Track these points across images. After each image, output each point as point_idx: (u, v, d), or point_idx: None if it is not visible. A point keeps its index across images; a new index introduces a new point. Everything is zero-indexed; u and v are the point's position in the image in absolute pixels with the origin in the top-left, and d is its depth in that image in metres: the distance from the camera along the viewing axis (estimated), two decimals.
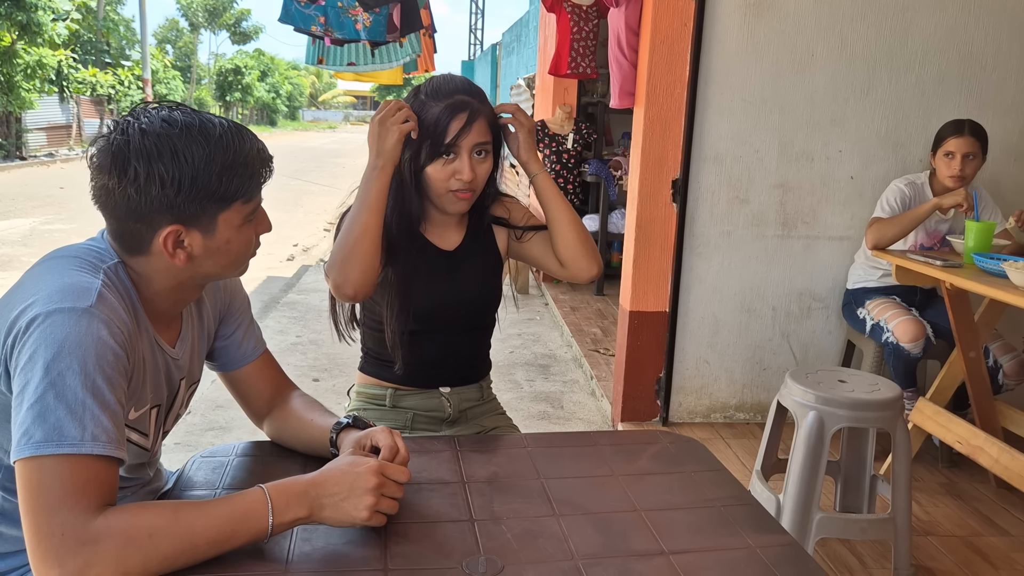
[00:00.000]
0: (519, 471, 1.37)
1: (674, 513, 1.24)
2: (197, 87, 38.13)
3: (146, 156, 1.11)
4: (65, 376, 1.01)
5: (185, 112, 1.17)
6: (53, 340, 1.02)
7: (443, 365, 1.84)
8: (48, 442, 0.98)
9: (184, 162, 1.12)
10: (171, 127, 1.13)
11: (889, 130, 3.39)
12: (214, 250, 1.20)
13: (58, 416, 0.99)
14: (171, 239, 1.16)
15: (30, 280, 1.12)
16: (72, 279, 1.09)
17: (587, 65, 5.10)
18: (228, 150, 1.16)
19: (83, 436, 1.00)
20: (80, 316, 1.05)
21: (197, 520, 1.02)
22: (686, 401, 3.59)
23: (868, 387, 2.31)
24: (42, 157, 18.90)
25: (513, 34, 14.39)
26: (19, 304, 1.07)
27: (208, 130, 1.15)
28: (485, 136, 1.67)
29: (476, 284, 1.82)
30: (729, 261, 3.47)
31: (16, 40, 16.30)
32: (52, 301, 1.05)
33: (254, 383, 1.46)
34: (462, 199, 1.69)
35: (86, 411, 1.01)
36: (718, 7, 3.22)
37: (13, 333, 1.05)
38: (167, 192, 1.12)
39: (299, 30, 3.82)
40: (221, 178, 1.15)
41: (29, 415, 1.00)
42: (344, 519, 1.11)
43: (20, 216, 10.17)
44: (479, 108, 1.66)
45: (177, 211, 1.14)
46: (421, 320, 1.77)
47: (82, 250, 1.18)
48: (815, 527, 2.28)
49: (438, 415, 1.86)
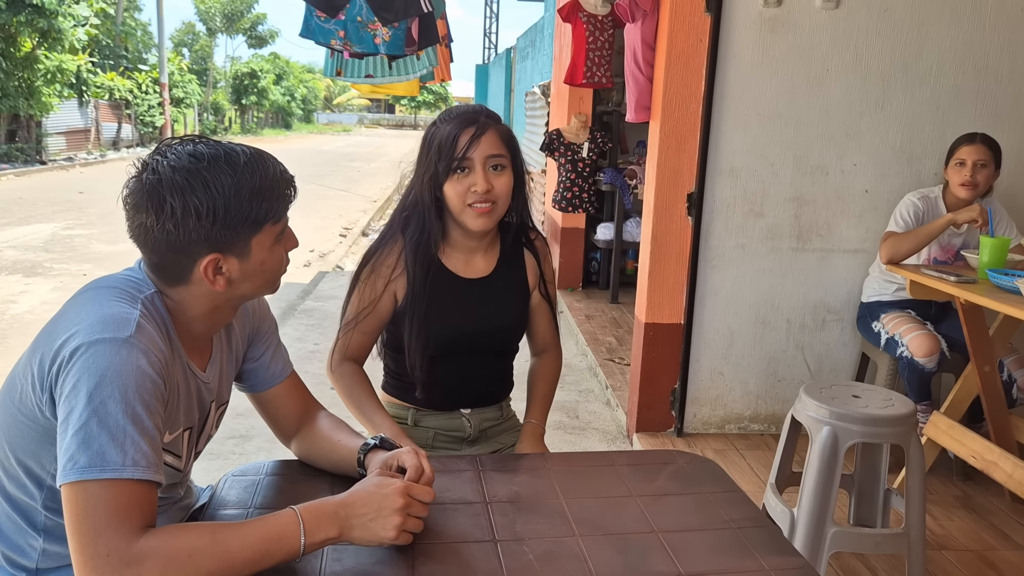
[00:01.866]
0: (540, 491, 1.41)
1: (691, 535, 1.28)
2: (213, 91, 38.40)
3: (180, 191, 1.16)
4: (107, 404, 1.06)
5: (208, 144, 1.22)
6: (95, 369, 1.07)
7: (464, 389, 1.89)
8: (92, 467, 1.03)
9: (216, 193, 1.17)
10: (198, 161, 1.18)
11: (904, 144, 3.41)
12: (250, 272, 1.25)
13: (101, 442, 1.04)
14: (211, 267, 1.21)
15: (72, 310, 1.17)
16: (112, 310, 1.15)
17: (602, 75, 5.12)
18: (255, 176, 1.21)
19: (124, 461, 1.05)
20: (120, 346, 1.10)
21: (233, 540, 1.07)
22: (701, 412, 3.62)
23: (882, 402, 2.34)
24: (61, 161, 19.11)
25: (528, 39, 14.43)
26: (63, 333, 1.12)
27: (233, 159, 1.21)
28: (497, 149, 1.71)
29: (500, 314, 1.86)
30: (744, 273, 3.49)
31: (37, 46, 16.50)
32: (94, 331, 1.10)
33: (282, 404, 1.50)
34: (481, 214, 1.71)
35: (127, 437, 1.06)
36: (733, 22, 3.26)
37: (58, 362, 1.10)
38: (203, 223, 1.17)
39: (319, 44, 3.88)
40: (251, 203, 1.20)
41: (74, 441, 1.04)
42: (372, 539, 1.15)
43: (41, 221, 10.30)
44: (488, 122, 1.72)
45: (214, 240, 1.20)
46: (442, 347, 1.81)
47: (120, 280, 1.23)
48: (829, 541, 2.30)
49: (458, 434, 1.91)
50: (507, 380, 2.00)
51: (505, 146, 1.73)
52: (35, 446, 1.18)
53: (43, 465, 1.19)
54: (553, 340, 2.04)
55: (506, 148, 1.73)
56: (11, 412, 1.19)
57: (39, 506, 1.22)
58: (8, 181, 15.32)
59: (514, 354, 1.97)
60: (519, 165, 1.80)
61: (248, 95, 39.71)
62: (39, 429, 1.16)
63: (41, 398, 1.13)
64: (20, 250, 8.26)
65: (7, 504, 1.24)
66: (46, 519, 1.22)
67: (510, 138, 1.77)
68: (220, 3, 40.61)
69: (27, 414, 1.16)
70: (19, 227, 9.76)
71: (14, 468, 1.21)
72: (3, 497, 1.24)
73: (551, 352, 2.04)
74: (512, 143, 1.77)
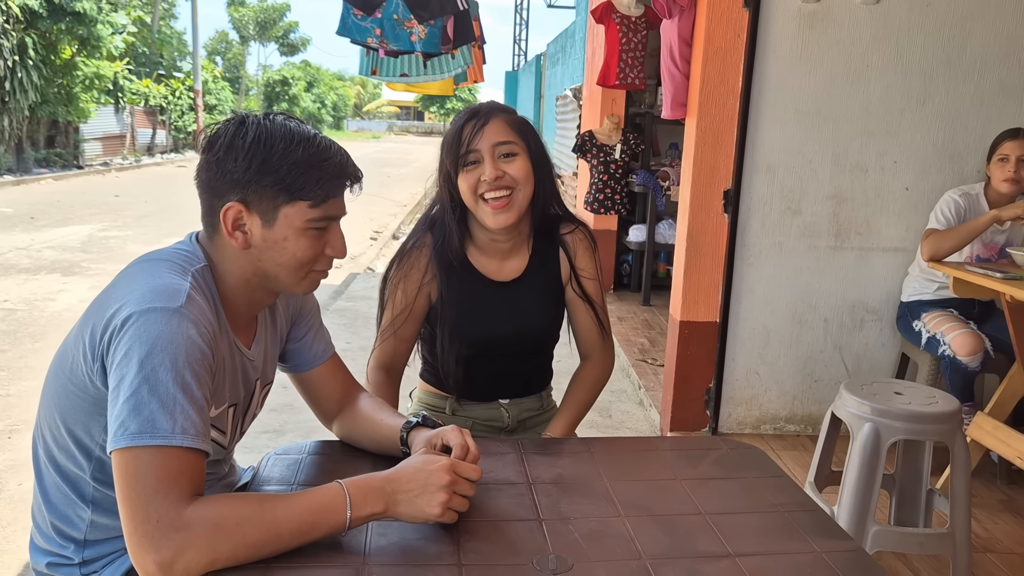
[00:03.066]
0: (583, 473, 1.40)
1: (738, 517, 1.25)
2: (245, 98, 38.91)
3: (232, 135, 1.19)
4: (158, 372, 1.07)
5: (300, 121, 1.24)
6: (147, 337, 1.08)
7: (500, 384, 1.87)
8: (142, 434, 1.04)
9: (263, 146, 1.18)
10: (270, 121, 1.21)
11: (946, 141, 3.36)
12: (271, 243, 1.23)
13: (151, 409, 1.05)
14: (231, 215, 1.21)
15: (124, 281, 1.19)
16: (164, 280, 1.15)
17: (635, 76, 5.11)
18: (310, 147, 1.21)
19: (174, 429, 1.05)
20: (171, 315, 1.11)
21: (281, 511, 1.07)
22: (736, 412, 3.58)
23: (925, 399, 2.29)
24: (97, 166, 19.42)
25: (558, 45, 14.45)
26: (115, 303, 1.13)
27: (304, 131, 1.22)
28: (505, 136, 1.66)
29: (532, 317, 1.80)
30: (780, 272, 3.45)
31: (76, 53, 16.81)
32: (145, 301, 1.11)
33: (324, 385, 1.51)
34: (496, 208, 1.65)
35: (176, 405, 1.06)
36: (772, 17, 3.23)
37: (109, 331, 1.11)
38: (238, 166, 1.18)
39: (355, 42, 3.91)
40: (291, 170, 1.19)
41: (125, 408, 1.05)
42: (417, 515, 1.15)
43: (79, 223, 10.47)
44: (492, 111, 1.68)
45: (242, 188, 1.20)
46: (474, 350, 1.78)
47: (172, 253, 1.24)
48: (871, 540, 2.26)
49: (497, 424, 1.89)
50: (546, 371, 1.97)
51: (515, 132, 1.68)
52: (85, 416, 1.19)
53: (92, 436, 1.20)
54: (597, 343, 1.90)
55: (516, 134, 1.68)
56: (62, 382, 1.20)
57: (88, 477, 1.23)
58: (47, 185, 15.61)
59: (552, 348, 1.92)
60: (538, 152, 1.72)
61: (279, 102, 40.15)
62: (89, 399, 1.17)
63: (92, 367, 1.14)
64: (58, 250, 8.40)
65: (57, 474, 1.25)
66: (94, 490, 1.23)
67: (522, 125, 1.71)
68: (253, 11, 41.19)
69: (78, 384, 1.17)
70: (58, 228, 9.93)
71: (64, 439, 1.22)
72: (53, 467, 1.25)
73: (594, 356, 1.92)
74: (525, 130, 1.71)
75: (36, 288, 6.61)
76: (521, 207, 1.69)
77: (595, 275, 1.87)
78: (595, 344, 1.90)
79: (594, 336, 1.89)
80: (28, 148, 16.92)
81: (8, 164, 16.11)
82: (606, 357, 1.92)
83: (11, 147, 16.24)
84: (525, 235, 1.81)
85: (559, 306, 1.86)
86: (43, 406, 1.25)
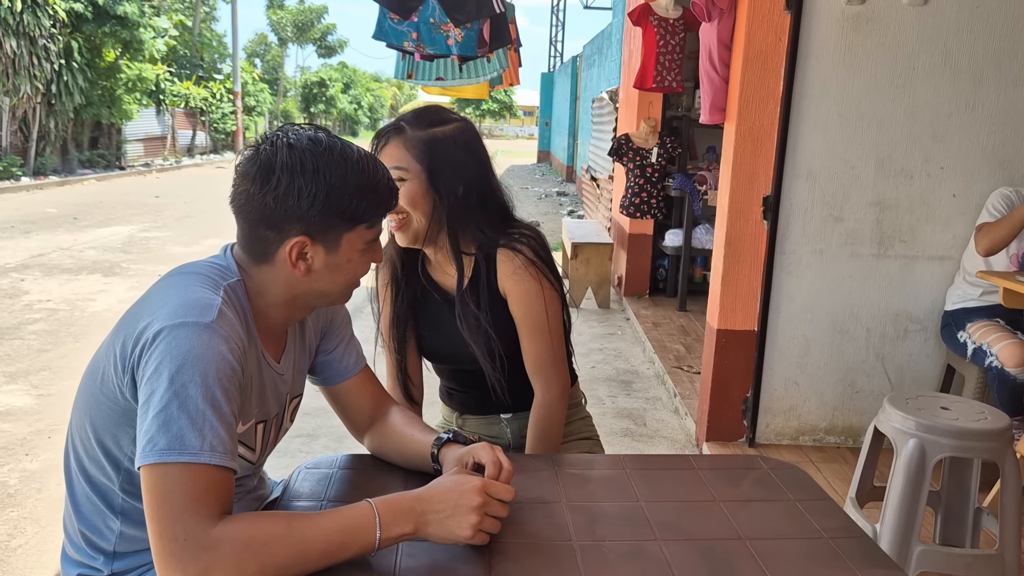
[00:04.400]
0: (618, 493, 1.36)
1: (781, 543, 1.21)
2: (283, 99, 39.36)
3: (290, 169, 1.18)
4: (188, 388, 1.05)
5: (328, 134, 1.24)
6: (178, 352, 1.07)
7: (487, 399, 1.79)
8: (171, 450, 1.03)
9: (323, 179, 1.18)
10: (316, 145, 1.20)
11: (996, 146, 3.25)
12: (333, 267, 1.25)
13: (181, 426, 1.04)
14: (296, 249, 1.21)
15: (156, 294, 1.18)
16: (196, 295, 1.14)
17: (672, 79, 5.05)
18: (363, 174, 1.22)
19: (202, 446, 1.04)
20: (203, 331, 1.09)
21: (309, 531, 1.05)
22: (774, 422, 3.50)
23: (974, 415, 2.21)
24: (139, 167, 19.78)
25: (594, 47, 14.38)
26: (146, 317, 1.12)
27: (347, 153, 1.22)
28: (395, 160, 1.59)
29: (476, 330, 1.69)
30: (821, 280, 3.37)
31: (119, 56, 17.15)
32: (177, 315, 1.10)
33: (355, 397, 1.49)
34: (394, 230, 1.68)
35: (206, 422, 1.05)
36: (814, 20, 3.15)
37: (140, 344, 1.10)
38: (302, 203, 1.18)
39: (391, 46, 3.90)
40: (353, 199, 1.20)
41: (155, 423, 1.04)
42: (448, 536, 1.12)
43: (120, 224, 10.66)
44: (392, 132, 1.62)
45: (307, 223, 1.20)
46: (438, 358, 1.83)
47: (205, 267, 1.23)
48: (915, 560, 2.19)
49: (499, 441, 1.87)
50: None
51: (410, 155, 1.60)
52: (114, 427, 1.18)
53: (121, 447, 1.19)
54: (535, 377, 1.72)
55: (411, 157, 1.60)
56: (93, 393, 1.19)
57: (117, 488, 1.22)
58: (90, 185, 15.94)
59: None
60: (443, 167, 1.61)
61: (317, 103, 40.59)
62: (119, 411, 1.16)
63: (122, 379, 1.13)
64: (100, 251, 8.55)
65: (87, 485, 1.24)
66: (123, 502, 1.23)
67: (424, 142, 1.60)
68: (291, 14, 41.66)
69: (108, 395, 1.16)
70: (99, 229, 10.12)
71: (94, 449, 1.22)
72: (83, 477, 1.25)
73: (536, 394, 1.73)
74: (426, 146, 1.60)
75: (78, 288, 6.73)
76: (417, 229, 1.64)
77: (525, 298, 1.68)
78: (534, 376, 1.73)
79: (530, 367, 1.72)
80: (73, 149, 17.30)
81: (54, 165, 16.48)
82: (545, 393, 1.72)
83: (56, 148, 16.62)
84: (466, 245, 1.70)
85: (506, 320, 1.71)
86: (75, 416, 1.25)
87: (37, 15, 14.45)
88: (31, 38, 14.47)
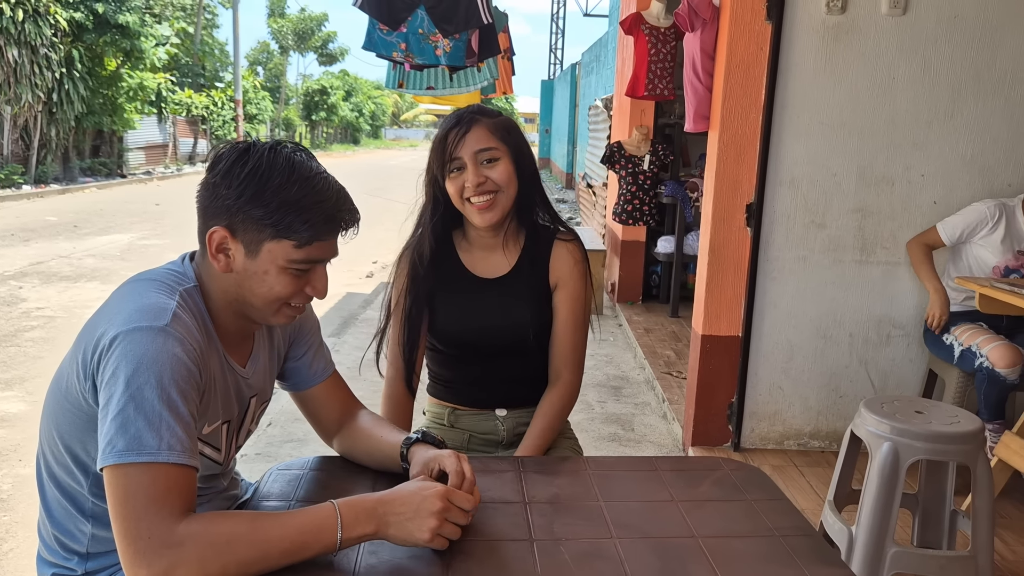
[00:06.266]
0: (580, 493, 1.40)
1: (733, 541, 1.25)
2: (285, 107, 39.49)
3: (233, 162, 1.21)
4: (143, 390, 1.09)
5: (307, 156, 1.25)
6: (133, 356, 1.11)
7: (492, 387, 1.87)
8: (129, 451, 1.07)
9: (260, 178, 1.20)
10: (274, 154, 1.22)
11: (975, 154, 3.29)
12: (251, 274, 1.25)
13: (138, 427, 1.08)
14: (216, 239, 1.23)
15: (114, 301, 1.22)
16: (150, 300, 1.18)
17: (664, 87, 5.10)
18: (305, 189, 1.21)
19: (160, 446, 1.08)
20: (157, 334, 1.13)
21: (272, 530, 1.09)
22: (759, 427, 3.54)
23: (947, 419, 2.25)
24: (140, 175, 19.86)
25: (593, 54, 14.45)
26: (104, 324, 1.16)
27: (304, 170, 1.23)
28: (486, 142, 1.71)
29: (511, 313, 1.80)
30: (804, 286, 3.41)
31: (121, 65, 17.25)
32: (132, 320, 1.14)
33: (323, 402, 1.52)
34: (480, 209, 1.72)
35: (162, 422, 1.09)
36: (795, 30, 3.20)
37: (99, 350, 1.14)
38: (230, 194, 1.21)
39: (381, 56, 3.95)
40: (281, 207, 1.20)
41: (112, 426, 1.08)
42: (407, 539, 1.15)
43: (119, 232, 10.72)
44: (474, 117, 1.73)
45: (230, 216, 1.22)
46: (450, 345, 1.83)
47: (162, 273, 1.27)
48: (889, 561, 2.22)
49: (492, 437, 1.89)
50: (542, 381, 1.89)
51: (497, 138, 1.72)
52: (81, 433, 1.22)
53: (88, 452, 1.23)
54: (566, 363, 1.84)
55: (498, 140, 1.73)
56: (59, 400, 1.23)
57: (86, 492, 1.26)
58: (91, 193, 16.01)
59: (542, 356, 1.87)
60: (521, 153, 1.77)
61: (318, 111, 40.70)
62: (83, 417, 1.20)
63: (84, 386, 1.17)
64: (99, 258, 8.61)
65: (57, 490, 1.28)
66: (93, 505, 1.26)
67: (506, 129, 1.75)
68: (292, 22, 41.81)
69: (72, 401, 1.20)
70: (99, 237, 10.18)
71: (63, 455, 1.25)
72: (54, 483, 1.29)
73: (563, 378, 1.85)
74: (509, 134, 1.75)
75: (76, 295, 6.78)
76: (505, 207, 1.75)
77: (578, 291, 1.84)
78: (563, 364, 1.84)
79: (563, 354, 1.84)
80: (74, 157, 17.39)
81: (55, 173, 16.57)
82: (572, 381, 1.86)
83: (58, 157, 16.71)
84: (512, 233, 1.84)
85: (544, 309, 1.83)
86: (43, 423, 1.29)
87: (38, 24, 14.57)
88: (32, 47, 14.59)
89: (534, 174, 1.81)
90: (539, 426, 1.81)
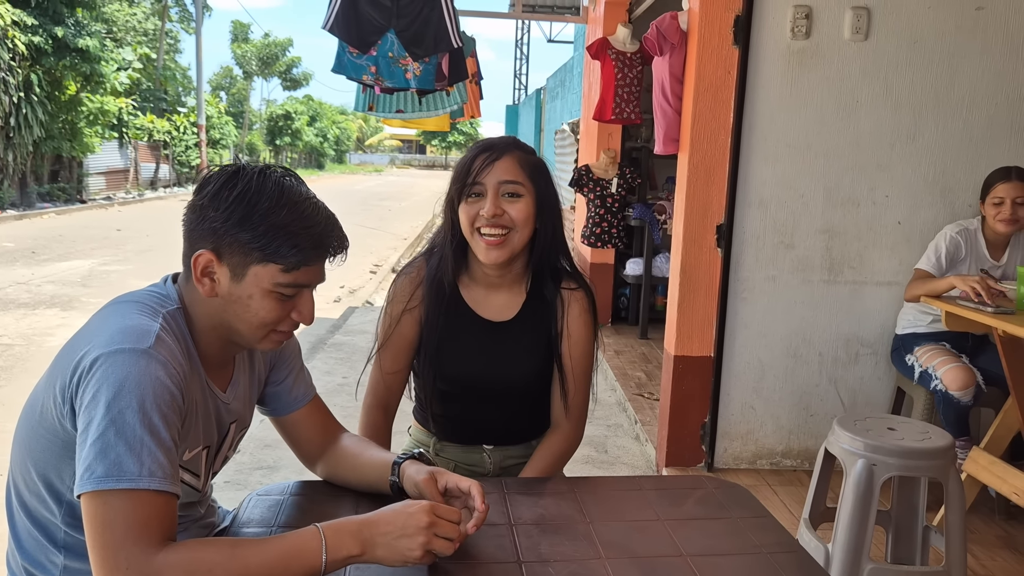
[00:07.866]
0: (566, 514, 1.39)
1: (719, 559, 1.24)
2: (249, 132, 39.23)
3: (222, 184, 1.19)
4: (125, 414, 1.06)
5: (297, 180, 1.23)
6: (115, 379, 1.08)
7: (481, 429, 1.81)
8: (109, 477, 1.03)
9: (247, 201, 1.18)
10: (263, 178, 1.20)
11: (937, 175, 3.37)
12: (236, 298, 1.22)
13: (118, 452, 1.04)
14: (202, 263, 1.21)
15: (96, 322, 1.19)
16: (133, 321, 1.16)
17: (631, 111, 5.16)
18: (294, 214, 1.20)
19: (141, 472, 1.04)
20: (140, 357, 1.10)
21: (253, 557, 1.06)
22: (731, 447, 3.56)
23: (919, 435, 2.28)
24: (101, 200, 19.54)
25: (557, 79, 14.59)
26: (84, 346, 1.13)
27: (294, 194, 1.21)
28: (513, 175, 1.64)
29: (514, 363, 1.74)
30: (775, 306, 3.45)
31: (80, 89, 17.01)
32: (114, 342, 1.11)
33: (305, 427, 1.49)
34: (490, 245, 1.63)
35: (144, 448, 1.06)
36: (762, 54, 3.26)
37: (78, 372, 1.11)
38: (217, 217, 1.18)
39: (351, 79, 3.95)
40: (269, 231, 1.18)
41: (92, 451, 1.05)
42: (397, 558, 1.13)
43: (80, 258, 10.52)
44: (508, 147, 1.67)
45: (217, 239, 1.19)
46: (450, 386, 1.75)
47: (144, 295, 1.24)
48: None
49: (478, 470, 1.83)
50: (538, 420, 1.84)
51: (525, 174, 1.65)
52: (56, 460, 1.18)
53: (63, 480, 1.19)
54: (568, 416, 1.77)
55: (526, 176, 1.65)
56: (32, 427, 1.19)
57: (59, 522, 1.21)
58: (49, 219, 15.70)
59: (544, 396, 1.81)
60: (548, 197, 1.69)
61: (282, 136, 40.50)
62: (59, 443, 1.16)
63: (63, 410, 1.13)
64: (58, 285, 8.43)
65: (28, 521, 1.24)
66: (66, 535, 1.22)
67: (537, 169, 1.68)
68: (256, 47, 41.67)
69: (48, 427, 1.16)
70: (58, 263, 9.97)
71: (35, 484, 1.21)
72: (24, 514, 1.24)
73: (561, 427, 1.78)
74: (537, 172, 1.68)
75: (34, 323, 6.62)
76: (515, 248, 1.67)
77: (584, 344, 1.77)
78: (567, 415, 1.78)
79: (563, 407, 1.78)
80: (32, 183, 17.05)
81: (12, 199, 16.22)
82: (573, 432, 1.80)
83: (15, 182, 16.36)
84: (519, 275, 1.76)
85: (547, 358, 1.76)
86: (15, 452, 1.24)
87: None
88: None
89: (557, 222, 1.72)
90: (536, 468, 1.74)
